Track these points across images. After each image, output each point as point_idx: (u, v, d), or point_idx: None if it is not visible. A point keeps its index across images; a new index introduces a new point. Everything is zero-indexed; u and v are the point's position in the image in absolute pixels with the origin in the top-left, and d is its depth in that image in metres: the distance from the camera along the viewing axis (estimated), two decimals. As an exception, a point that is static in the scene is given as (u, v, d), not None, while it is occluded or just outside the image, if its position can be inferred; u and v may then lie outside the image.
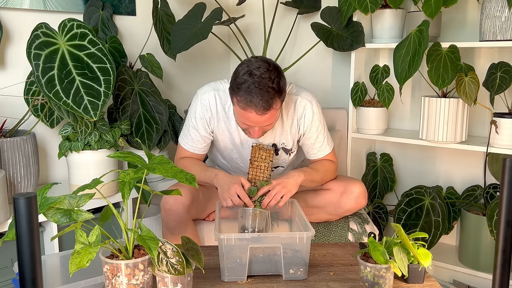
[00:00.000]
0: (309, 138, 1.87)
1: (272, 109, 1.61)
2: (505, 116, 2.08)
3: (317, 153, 1.91)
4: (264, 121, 1.65)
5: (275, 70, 1.64)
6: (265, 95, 1.58)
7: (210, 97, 1.84)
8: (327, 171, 1.90)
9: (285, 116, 1.84)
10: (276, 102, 1.62)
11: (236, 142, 1.89)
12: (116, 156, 1.25)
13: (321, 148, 1.90)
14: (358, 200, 1.90)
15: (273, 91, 1.60)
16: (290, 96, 1.84)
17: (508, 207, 1.00)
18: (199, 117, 1.85)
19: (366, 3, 2.17)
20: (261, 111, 1.60)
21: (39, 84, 1.74)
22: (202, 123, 1.86)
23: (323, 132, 1.89)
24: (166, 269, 1.22)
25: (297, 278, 1.46)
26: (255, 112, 1.61)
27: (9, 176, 1.84)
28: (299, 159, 2.09)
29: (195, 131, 1.87)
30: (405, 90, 2.51)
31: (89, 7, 2.27)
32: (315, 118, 1.85)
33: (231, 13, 2.85)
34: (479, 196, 2.33)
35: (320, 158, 1.92)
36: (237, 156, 1.93)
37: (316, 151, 1.90)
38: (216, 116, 1.85)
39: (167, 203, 1.80)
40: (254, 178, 1.78)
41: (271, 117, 1.65)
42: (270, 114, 1.63)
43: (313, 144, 1.89)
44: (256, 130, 1.69)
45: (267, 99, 1.58)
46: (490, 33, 2.06)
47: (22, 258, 0.81)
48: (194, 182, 1.24)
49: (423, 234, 1.44)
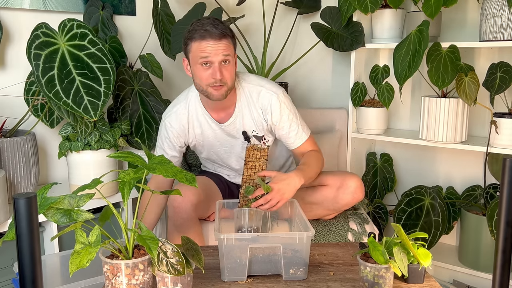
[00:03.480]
0: (282, 127, 1.89)
1: (227, 37, 1.71)
2: (505, 116, 2.08)
3: (295, 142, 1.92)
4: (222, 49, 1.70)
5: None
6: (219, 26, 1.71)
7: (171, 118, 1.91)
8: (317, 162, 1.91)
9: (251, 104, 1.88)
10: (229, 36, 1.72)
11: (218, 136, 1.93)
12: (116, 156, 1.25)
13: (298, 135, 1.91)
14: (355, 195, 1.91)
15: (224, 26, 1.72)
16: (253, 86, 1.89)
17: (508, 207, 1.00)
18: (166, 139, 1.93)
19: (366, 3, 2.18)
20: (217, 36, 1.69)
21: (39, 84, 1.74)
22: (168, 145, 1.94)
23: (296, 120, 1.90)
24: (166, 269, 1.22)
25: (297, 278, 1.46)
26: (212, 40, 1.69)
27: (9, 176, 1.84)
28: (283, 154, 2.10)
29: (163, 152, 1.95)
30: (405, 90, 2.51)
31: (89, 7, 2.27)
32: (283, 107, 1.87)
33: (231, 13, 2.85)
34: (479, 196, 2.33)
35: (300, 145, 1.93)
36: (225, 150, 1.97)
37: (293, 139, 1.92)
38: (183, 132, 1.92)
39: (175, 200, 1.81)
40: (249, 178, 1.79)
41: (227, 48, 1.71)
42: (226, 43, 1.71)
43: (288, 134, 1.90)
44: (217, 66, 1.72)
45: (221, 28, 1.70)
46: (490, 33, 2.06)
47: (22, 258, 0.81)
48: (194, 182, 1.24)
49: (423, 234, 1.44)
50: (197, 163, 2.39)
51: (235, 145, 1.95)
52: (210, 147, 1.96)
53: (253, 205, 1.67)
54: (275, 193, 1.67)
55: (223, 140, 1.94)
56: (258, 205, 1.67)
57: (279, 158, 2.10)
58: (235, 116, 1.88)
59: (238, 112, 1.87)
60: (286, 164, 2.15)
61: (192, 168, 2.43)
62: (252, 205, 1.67)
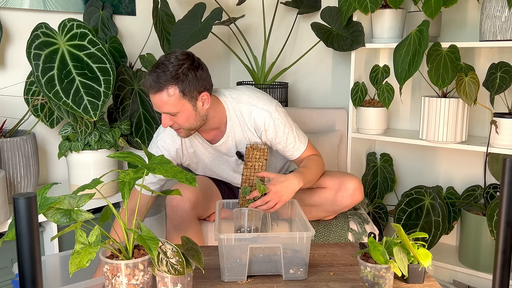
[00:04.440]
0: (279, 143, 1.86)
1: (164, 90, 1.63)
2: (505, 116, 2.08)
3: (294, 153, 1.90)
4: (162, 105, 1.66)
5: (186, 61, 1.66)
6: (161, 76, 1.62)
7: (164, 139, 1.86)
8: (318, 166, 1.90)
9: (243, 124, 1.83)
10: (169, 86, 1.63)
11: (212, 155, 1.91)
12: (116, 156, 1.25)
13: (295, 147, 1.89)
14: (354, 196, 1.90)
15: (168, 75, 1.62)
16: (244, 105, 1.82)
17: (508, 207, 1.00)
18: None
19: (366, 3, 2.17)
20: (154, 91, 1.64)
21: (39, 84, 1.74)
22: None
23: (292, 133, 1.86)
24: (166, 269, 1.22)
25: (297, 278, 1.46)
26: (151, 92, 1.65)
27: (9, 176, 1.84)
28: (279, 159, 2.08)
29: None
30: (405, 90, 2.51)
31: (89, 7, 2.27)
32: (277, 123, 1.82)
33: (231, 13, 2.85)
34: (479, 196, 2.33)
35: (299, 157, 1.92)
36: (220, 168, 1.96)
37: (291, 152, 1.90)
38: (176, 154, 1.87)
39: (173, 199, 1.81)
40: (249, 178, 1.79)
41: (167, 103, 1.65)
42: (166, 98, 1.64)
43: (285, 147, 1.88)
44: (163, 116, 1.70)
45: (159, 80, 1.62)
46: (490, 33, 2.06)
47: (22, 258, 0.81)
48: (194, 182, 1.24)
49: (423, 234, 1.44)
50: (197, 163, 2.39)
51: (230, 162, 1.94)
52: (204, 166, 1.95)
53: (251, 206, 1.67)
54: (273, 194, 1.67)
55: (217, 157, 1.92)
56: (256, 206, 1.67)
57: (276, 164, 2.09)
58: (227, 136, 1.84)
59: (229, 132, 1.84)
60: (283, 169, 2.15)
61: (192, 168, 2.43)
62: (250, 206, 1.67)
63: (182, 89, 1.65)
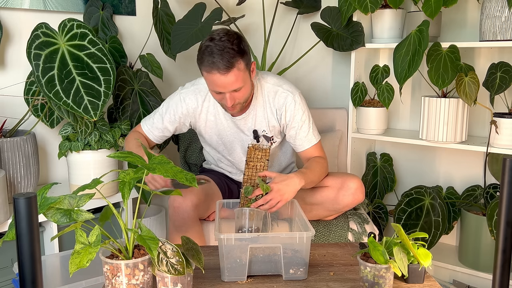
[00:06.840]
0: (293, 127, 1.90)
1: (234, 68, 1.66)
2: (505, 116, 2.08)
3: (303, 143, 1.92)
4: (231, 84, 1.69)
5: (235, 35, 1.72)
6: (226, 55, 1.65)
7: (188, 93, 1.91)
8: (322, 168, 1.91)
9: (267, 103, 1.89)
10: (238, 62, 1.67)
11: (230, 126, 1.94)
12: (116, 156, 1.25)
13: (307, 138, 1.91)
14: (355, 196, 1.91)
15: (233, 51, 1.66)
16: (271, 86, 1.89)
17: (508, 207, 1.00)
18: (172, 110, 1.92)
19: (366, 3, 2.18)
20: (223, 71, 1.65)
21: (39, 84, 1.74)
22: (169, 117, 1.93)
23: (308, 122, 1.91)
24: (166, 269, 1.22)
25: (297, 278, 1.46)
26: (219, 73, 1.66)
27: (9, 176, 1.84)
28: (286, 157, 2.10)
29: (160, 118, 1.94)
30: (405, 90, 2.51)
31: (89, 7, 2.27)
32: (297, 107, 1.88)
33: (231, 13, 2.85)
34: (479, 196, 2.33)
35: (308, 149, 1.93)
36: (233, 140, 1.98)
37: (302, 141, 1.91)
38: (193, 112, 1.92)
39: (175, 200, 1.81)
40: (250, 178, 1.79)
41: (236, 80, 1.69)
42: (234, 75, 1.67)
43: (297, 134, 1.90)
44: (228, 97, 1.72)
45: (228, 58, 1.65)
46: (490, 33, 2.06)
47: (22, 258, 0.81)
48: (194, 182, 1.24)
49: (423, 234, 1.44)
50: (197, 163, 2.39)
51: (243, 139, 1.96)
52: (219, 135, 1.97)
53: (253, 205, 1.67)
54: (275, 193, 1.68)
55: (234, 133, 1.95)
56: (258, 205, 1.67)
57: (281, 161, 2.10)
58: (248, 113, 1.90)
59: (252, 110, 1.90)
60: (287, 169, 2.15)
61: (192, 168, 2.43)
62: (252, 205, 1.67)
63: (246, 62, 1.72)
